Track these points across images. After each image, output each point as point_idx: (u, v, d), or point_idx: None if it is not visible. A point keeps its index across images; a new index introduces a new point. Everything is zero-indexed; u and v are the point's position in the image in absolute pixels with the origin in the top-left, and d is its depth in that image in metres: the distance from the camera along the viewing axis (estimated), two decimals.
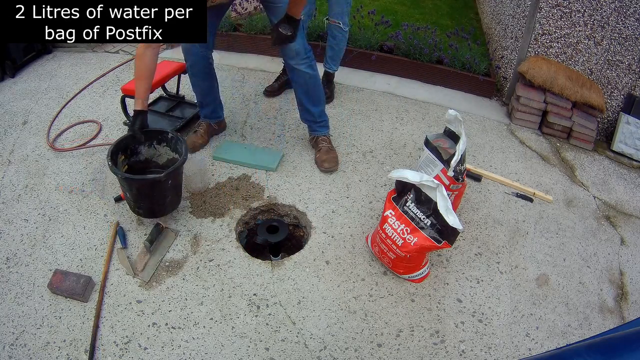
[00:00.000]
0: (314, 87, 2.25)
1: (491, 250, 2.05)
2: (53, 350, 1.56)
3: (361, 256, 1.96)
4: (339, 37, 2.75)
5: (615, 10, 2.64)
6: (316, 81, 2.25)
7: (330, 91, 2.96)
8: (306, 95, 2.28)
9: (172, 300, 1.74)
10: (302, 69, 2.16)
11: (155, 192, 1.91)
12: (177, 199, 2.05)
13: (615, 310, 1.89)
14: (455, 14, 4.48)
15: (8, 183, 2.23)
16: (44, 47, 3.36)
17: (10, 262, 1.85)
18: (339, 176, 2.36)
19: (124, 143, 1.98)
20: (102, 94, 2.94)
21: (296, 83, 2.25)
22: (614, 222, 2.33)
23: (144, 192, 1.91)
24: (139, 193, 1.90)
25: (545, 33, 2.83)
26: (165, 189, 1.92)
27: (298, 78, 2.21)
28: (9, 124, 2.63)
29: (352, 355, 1.61)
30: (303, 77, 2.19)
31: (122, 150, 1.98)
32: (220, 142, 2.54)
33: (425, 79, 3.28)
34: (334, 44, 2.81)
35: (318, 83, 2.27)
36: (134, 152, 2.05)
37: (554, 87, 2.81)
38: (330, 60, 2.87)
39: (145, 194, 1.91)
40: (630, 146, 2.86)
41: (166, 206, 2.00)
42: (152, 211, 2.00)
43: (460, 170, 1.91)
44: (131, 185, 1.87)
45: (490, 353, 1.65)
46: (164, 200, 1.96)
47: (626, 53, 2.75)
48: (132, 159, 2.04)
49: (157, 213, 2.02)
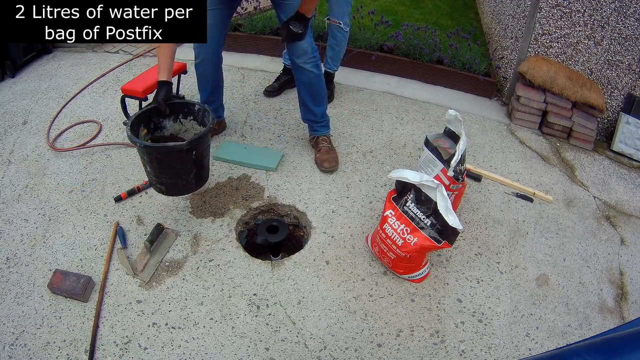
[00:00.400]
0: (318, 86, 2.26)
1: (491, 250, 2.05)
2: (53, 350, 1.56)
3: (361, 256, 1.96)
4: (339, 37, 2.75)
5: (615, 10, 2.64)
6: (320, 81, 2.25)
7: (331, 91, 2.96)
8: (310, 95, 2.28)
9: (172, 300, 1.74)
10: (309, 68, 2.16)
11: (178, 164, 1.74)
12: (203, 174, 1.88)
13: (615, 310, 1.89)
14: (455, 14, 4.48)
15: (8, 183, 2.23)
16: (44, 47, 3.36)
17: (10, 262, 1.85)
18: (339, 176, 2.36)
19: (147, 115, 1.82)
20: (102, 94, 2.94)
21: (300, 82, 2.25)
22: (614, 222, 2.33)
23: (165, 164, 1.72)
24: (160, 165, 1.72)
25: (545, 33, 2.83)
26: (188, 160, 1.73)
27: (303, 77, 2.21)
28: (9, 124, 2.63)
29: (352, 355, 1.61)
30: (308, 77, 2.19)
31: (144, 124, 1.81)
32: (220, 142, 2.54)
33: (425, 79, 3.28)
34: (334, 44, 2.80)
35: (322, 83, 2.27)
36: (157, 127, 1.88)
37: (554, 87, 2.81)
38: (330, 61, 2.87)
39: (167, 165, 1.73)
40: (630, 146, 2.86)
41: (190, 182, 1.81)
42: (175, 187, 1.81)
43: (460, 170, 1.91)
44: (151, 156, 1.70)
45: (490, 353, 1.65)
46: (188, 174, 1.78)
47: (626, 53, 2.75)
48: (155, 134, 1.88)
49: (181, 190, 1.86)
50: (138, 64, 3.32)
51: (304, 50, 2.11)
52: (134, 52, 3.48)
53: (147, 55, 3.44)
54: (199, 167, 1.83)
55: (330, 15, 2.70)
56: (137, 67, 3.26)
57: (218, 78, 2.37)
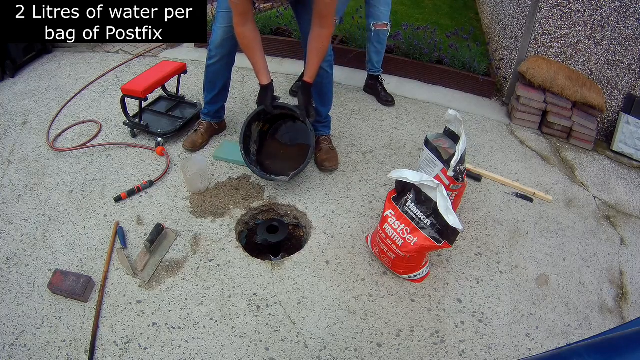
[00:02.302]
0: (328, 87, 2.27)
1: (491, 250, 2.05)
2: (53, 350, 1.56)
3: (361, 256, 1.96)
4: (383, 39, 2.79)
5: (615, 10, 2.64)
6: (331, 81, 2.27)
7: (386, 92, 3.02)
8: (319, 95, 2.28)
9: (172, 300, 1.74)
10: (325, 67, 2.16)
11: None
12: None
13: (615, 310, 1.89)
14: (455, 14, 4.48)
15: (8, 183, 2.23)
16: (44, 47, 3.37)
17: (10, 262, 1.85)
18: (339, 176, 2.36)
19: (256, 116, 2.18)
20: (102, 94, 2.94)
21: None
22: (614, 222, 2.33)
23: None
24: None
25: (545, 33, 2.83)
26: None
27: (316, 76, 2.19)
28: (9, 124, 2.63)
29: (352, 355, 1.61)
30: (321, 76, 2.19)
31: (257, 121, 2.22)
32: (220, 142, 2.54)
33: (425, 79, 3.28)
34: (380, 48, 2.83)
35: (332, 84, 2.29)
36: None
37: (554, 87, 2.81)
38: (377, 64, 2.94)
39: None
40: (630, 146, 2.86)
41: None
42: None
43: (460, 170, 1.91)
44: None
45: (490, 353, 1.65)
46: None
47: (626, 53, 2.75)
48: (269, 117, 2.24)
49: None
50: (138, 64, 3.32)
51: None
52: (134, 52, 3.48)
53: (147, 55, 3.45)
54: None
55: (374, 20, 2.71)
56: (137, 67, 3.26)
57: (228, 79, 2.38)
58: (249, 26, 1.97)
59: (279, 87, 3.04)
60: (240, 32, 1.97)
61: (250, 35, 1.99)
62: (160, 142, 2.44)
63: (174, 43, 3.58)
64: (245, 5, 1.89)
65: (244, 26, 1.95)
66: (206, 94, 2.41)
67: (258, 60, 2.05)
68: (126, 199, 2.14)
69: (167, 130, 2.46)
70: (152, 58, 3.39)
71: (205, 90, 2.40)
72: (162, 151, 2.40)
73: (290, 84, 3.09)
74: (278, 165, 2.26)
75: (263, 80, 2.08)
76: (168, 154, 2.41)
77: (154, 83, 2.42)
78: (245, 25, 1.95)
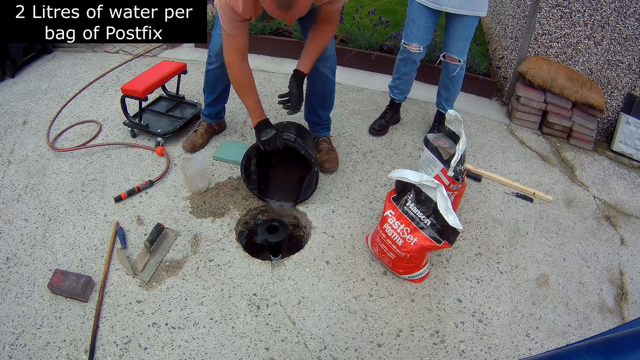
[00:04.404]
0: (330, 92, 2.26)
1: (491, 250, 2.05)
2: (53, 350, 1.56)
3: (361, 256, 1.96)
4: (456, 77, 2.43)
5: (615, 10, 2.64)
6: (333, 87, 2.25)
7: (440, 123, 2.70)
8: (321, 100, 2.28)
9: (172, 300, 1.74)
10: (326, 73, 2.14)
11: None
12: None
13: (615, 310, 1.89)
14: None
15: (8, 183, 2.23)
16: (44, 47, 3.37)
17: (10, 262, 1.85)
18: (339, 176, 2.36)
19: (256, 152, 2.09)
20: (102, 94, 2.94)
21: (314, 86, 2.22)
22: (614, 222, 2.33)
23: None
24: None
25: (545, 33, 2.83)
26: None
27: (318, 82, 2.18)
28: (9, 124, 2.63)
29: (352, 355, 1.61)
30: (323, 82, 2.18)
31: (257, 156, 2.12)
32: (220, 142, 2.54)
33: (425, 78, 3.28)
34: (449, 85, 2.49)
35: (334, 89, 2.27)
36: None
37: (554, 87, 2.81)
38: (444, 102, 2.60)
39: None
40: (630, 146, 2.86)
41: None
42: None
43: (460, 170, 1.91)
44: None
45: (490, 353, 1.65)
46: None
47: (626, 53, 2.75)
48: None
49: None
50: (138, 64, 3.32)
51: (328, 55, 2.08)
52: (134, 52, 3.48)
53: (147, 55, 3.45)
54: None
55: (447, 51, 2.37)
56: (137, 67, 3.26)
57: (228, 83, 2.34)
58: (247, 62, 1.80)
59: (279, 88, 3.04)
60: (239, 69, 1.78)
61: (249, 72, 1.83)
62: (160, 142, 2.44)
63: (174, 43, 3.58)
64: (245, 39, 1.74)
65: (242, 61, 1.78)
66: (206, 96, 2.41)
67: (255, 97, 1.89)
68: (126, 199, 2.14)
69: (167, 130, 2.46)
70: (152, 58, 3.39)
71: (205, 92, 2.40)
72: (162, 151, 2.40)
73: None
74: (281, 179, 2.22)
75: (261, 116, 1.92)
76: (168, 154, 2.41)
77: (154, 83, 2.42)
78: (243, 60, 1.79)
